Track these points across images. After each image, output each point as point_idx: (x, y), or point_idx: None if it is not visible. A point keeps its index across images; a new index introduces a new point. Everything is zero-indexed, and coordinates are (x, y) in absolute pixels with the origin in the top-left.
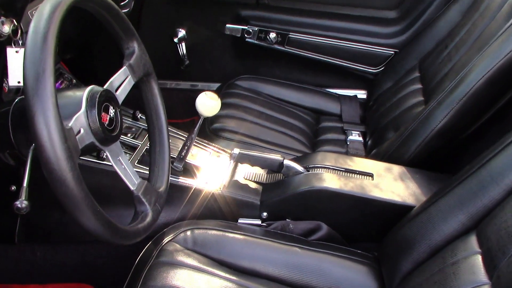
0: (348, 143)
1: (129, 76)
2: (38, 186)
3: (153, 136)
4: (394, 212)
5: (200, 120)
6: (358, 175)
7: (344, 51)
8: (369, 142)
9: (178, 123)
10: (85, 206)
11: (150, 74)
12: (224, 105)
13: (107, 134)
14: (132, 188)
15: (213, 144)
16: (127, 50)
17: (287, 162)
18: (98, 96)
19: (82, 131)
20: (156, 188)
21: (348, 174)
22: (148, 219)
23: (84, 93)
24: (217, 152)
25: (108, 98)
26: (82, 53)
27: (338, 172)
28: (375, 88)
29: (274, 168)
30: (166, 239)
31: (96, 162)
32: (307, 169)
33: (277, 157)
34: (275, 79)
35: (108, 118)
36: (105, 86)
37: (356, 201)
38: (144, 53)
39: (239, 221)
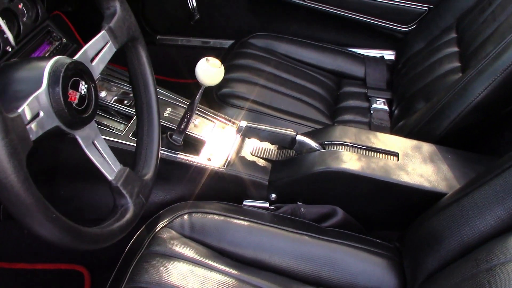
0: (371, 111)
1: (109, 43)
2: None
3: (140, 112)
4: (421, 199)
5: (201, 89)
6: (381, 154)
7: (371, 6)
8: (396, 112)
9: (188, 84)
10: (36, 213)
11: (136, 39)
12: (234, 67)
13: (75, 116)
14: (109, 177)
15: (219, 114)
16: (107, 10)
17: (300, 137)
18: (63, 69)
19: (41, 114)
20: (141, 176)
21: (370, 153)
22: (128, 215)
23: (46, 67)
24: (223, 123)
25: (78, 71)
26: (85, 5)
27: (359, 150)
28: (405, 49)
29: (285, 144)
30: (160, 224)
31: None
32: (323, 145)
33: (289, 131)
34: (293, 37)
35: (77, 97)
36: (76, 57)
37: (378, 185)
38: (129, 13)
39: (244, 203)
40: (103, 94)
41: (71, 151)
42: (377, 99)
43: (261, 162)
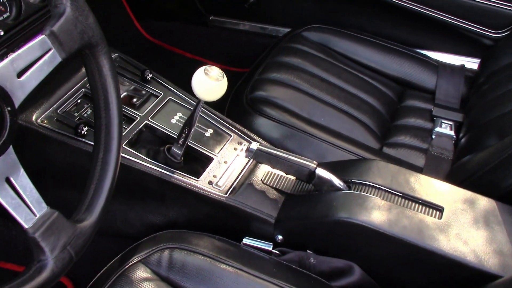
0: (433, 136)
1: (52, 50)
2: None
3: (98, 136)
4: (462, 277)
5: (199, 104)
6: (421, 207)
7: (457, 5)
8: (462, 142)
9: (237, 73)
10: None
11: (95, 45)
12: (276, 65)
13: None
14: (25, 225)
15: (237, 126)
16: (54, 9)
17: (321, 172)
18: None
19: None
20: (78, 221)
21: (407, 202)
22: (44, 274)
23: None
24: (241, 137)
25: None
26: None
27: (393, 197)
28: (491, 60)
29: (301, 177)
30: (135, 258)
31: (73, 138)
32: (349, 184)
33: (307, 162)
34: (356, 33)
35: None
36: None
37: (407, 249)
38: (84, 13)
39: (244, 241)
40: None
41: (58, 154)
42: (444, 121)
43: (271, 194)
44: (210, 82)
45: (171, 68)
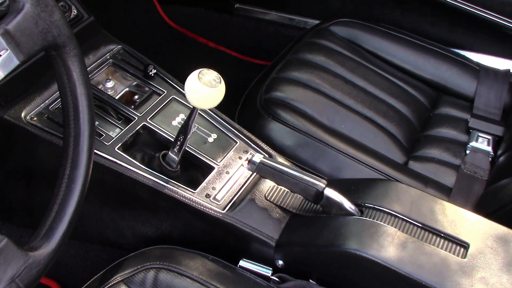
0: (467, 151)
1: (7, 52)
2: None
3: (65, 148)
4: None
5: (194, 111)
6: (443, 241)
7: (505, 2)
8: (501, 160)
9: (261, 66)
10: None
11: (62, 46)
12: (297, 63)
13: None
14: None
15: (244, 133)
16: (13, 3)
17: (330, 193)
18: None
19: None
20: (33, 248)
21: (427, 234)
22: None
23: None
24: (248, 145)
25: None
26: None
27: (411, 227)
28: None
29: (308, 196)
30: (117, 277)
31: (45, 130)
32: (362, 208)
33: (315, 181)
34: (389, 29)
35: None
36: None
37: None
38: (47, 10)
39: (240, 263)
40: (109, 84)
41: (46, 155)
42: (481, 134)
43: (275, 212)
44: (203, 89)
45: (191, 57)
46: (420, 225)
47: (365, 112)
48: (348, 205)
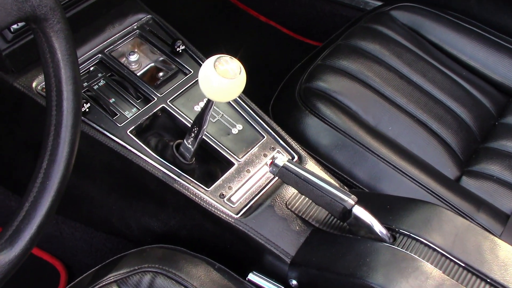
0: None
1: None
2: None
3: (46, 137)
4: None
5: (209, 103)
6: (486, 286)
7: None
8: None
9: (311, 46)
10: None
11: (42, 19)
12: (346, 51)
13: None
14: None
15: (274, 127)
16: None
17: (359, 211)
18: None
19: None
20: None
21: (469, 277)
22: None
23: None
24: (276, 142)
25: None
26: None
27: (451, 266)
28: None
29: (334, 212)
30: (110, 277)
31: None
32: (395, 233)
33: (343, 196)
34: (459, 19)
35: None
36: None
37: None
38: None
39: (249, 276)
40: (133, 57)
41: None
42: None
43: (295, 224)
44: (219, 79)
45: (238, 31)
46: (463, 265)
47: (417, 114)
48: (378, 228)
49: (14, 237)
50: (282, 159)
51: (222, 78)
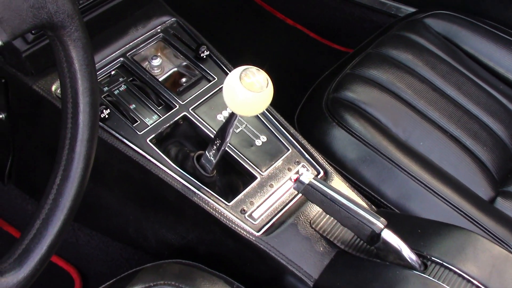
0: None
1: None
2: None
3: (60, 150)
4: None
5: (233, 116)
6: None
7: None
8: None
9: (340, 52)
10: None
11: (60, 27)
12: (376, 60)
13: None
14: None
15: (300, 140)
16: None
17: (388, 235)
18: None
19: None
20: (3, 271)
21: None
22: None
23: None
24: (301, 155)
25: None
26: None
27: None
28: None
29: (361, 235)
30: None
31: None
32: (426, 261)
33: (372, 219)
34: (497, 29)
35: None
36: None
37: None
38: None
39: None
40: (156, 61)
41: None
42: None
43: (319, 244)
44: (244, 92)
45: (263, 34)
46: None
47: (451, 129)
48: (408, 254)
49: (23, 256)
50: (307, 175)
51: (247, 91)
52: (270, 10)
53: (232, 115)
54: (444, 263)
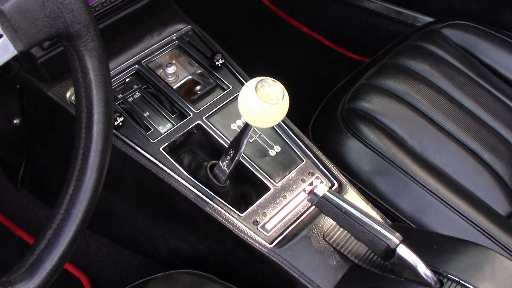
0: None
1: (2, 38)
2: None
3: (73, 160)
4: None
5: (247, 127)
6: None
7: None
8: None
9: (356, 61)
10: None
11: (76, 37)
12: (393, 70)
13: None
14: None
15: (315, 152)
16: None
17: (403, 251)
18: None
19: None
20: (7, 283)
21: None
22: None
23: None
24: (315, 167)
25: None
26: None
27: None
28: None
29: (376, 250)
30: None
31: None
32: (442, 278)
33: (388, 234)
34: None
35: None
36: None
37: None
38: None
39: None
40: (171, 69)
41: None
42: None
43: (332, 258)
44: (260, 104)
45: (279, 41)
46: None
47: (468, 142)
48: (424, 271)
49: (34, 267)
50: (322, 188)
51: (263, 103)
52: (285, 18)
53: (247, 126)
54: (460, 281)
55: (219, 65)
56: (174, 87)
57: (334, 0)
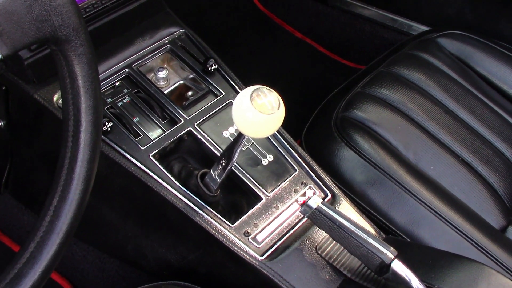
0: None
1: None
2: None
3: (59, 170)
4: None
5: (241, 136)
6: None
7: None
8: None
9: (352, 69)
10: None
11: (64, 41)
12: (388, 79)
13: None
14: None
15: (308, 162)
16: None
17: (398, 267)
18: None
19: None
20: None
21: None
22: None
23: None
24: (309, 177)
25: None
26: None
27: None
28: None
29: (370, 265)
30: None
31: None
32: None
33: (382, 249)
34: (510, 51)
35: None
36: None
37: None
38: None
39: None
40: (162, 73)
41: None
42: None
43: (324, 271)
44: (254, 114)
45: (273, 46)
46: None
47: (463, 154)
48: (418, 286)
49: (15, 282)
50: (315, 199)
51: (259, 113)
52: (280, 23)
53: (240, 136)
54: None
55: (212, 70)
56: (165, 92)
57: (328, 7)
